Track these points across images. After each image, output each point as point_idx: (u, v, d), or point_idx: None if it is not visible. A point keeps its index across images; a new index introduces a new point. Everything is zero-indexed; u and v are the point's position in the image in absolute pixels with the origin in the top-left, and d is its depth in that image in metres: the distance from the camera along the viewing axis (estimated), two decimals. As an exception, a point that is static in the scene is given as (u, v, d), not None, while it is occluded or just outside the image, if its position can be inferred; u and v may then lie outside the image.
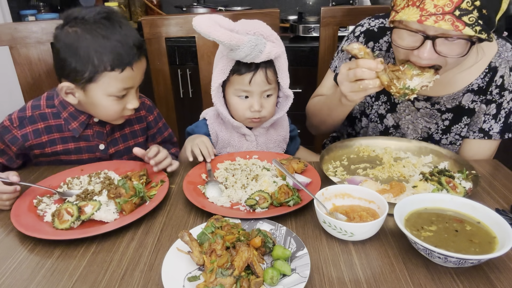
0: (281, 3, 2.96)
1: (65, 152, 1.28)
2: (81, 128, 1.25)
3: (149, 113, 1.41)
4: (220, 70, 1.23)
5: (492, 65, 1.22)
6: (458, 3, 0.96)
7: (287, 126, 1.43)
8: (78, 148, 1.28)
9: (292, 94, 1.29)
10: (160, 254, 0.88)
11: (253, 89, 1.23)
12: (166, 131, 1.48)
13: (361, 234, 0.88)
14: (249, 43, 1.12)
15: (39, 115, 1.24)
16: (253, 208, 1.00)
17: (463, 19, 0.97)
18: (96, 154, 1.30)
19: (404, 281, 0.79)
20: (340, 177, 1.15)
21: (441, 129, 1.32)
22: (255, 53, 1.14)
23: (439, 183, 1.05)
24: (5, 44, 1.61)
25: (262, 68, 1.21)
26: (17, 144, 1.22)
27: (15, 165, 1.28)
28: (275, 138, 1.39)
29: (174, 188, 1.15)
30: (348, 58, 1.41)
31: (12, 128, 1.22)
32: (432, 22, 0.98)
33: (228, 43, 1.10)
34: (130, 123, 1.36)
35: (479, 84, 1.23)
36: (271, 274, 0.75)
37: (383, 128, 1.41)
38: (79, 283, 0.81)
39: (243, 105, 1.26)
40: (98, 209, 0.98)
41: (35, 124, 1.23)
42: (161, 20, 1.71)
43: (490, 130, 1.26)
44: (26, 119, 1.23)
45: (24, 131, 1.22)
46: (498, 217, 0.85)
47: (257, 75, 1.20)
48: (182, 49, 2.44)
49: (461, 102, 1.26)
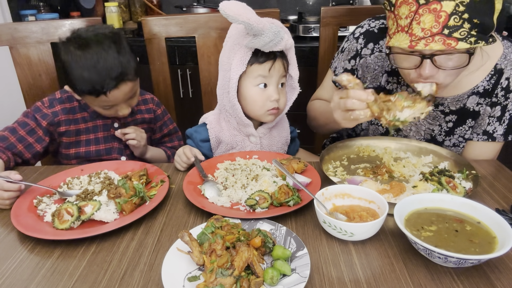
0: (281, 3, 2.96)
1: (86, 131, 1.41)
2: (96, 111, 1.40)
3: (157, 107, 1.57)
4: (239, 61, 1.21)
5: (498, 67, 1.20)
6: (444, 22, 0.96)
7: (287, 127, 1.43)
8: (95, 126, 1.42)
9: (299, 87, 1.32)
10: (160, 254, 0.88)
11: (272, 77, 1.23)
12: (171, 124, 1.63)
13: (361, 234, 0.88)
14: (272, 29, 1.13)
15: (67, 97, 1.40)
16: (253, 208, 1.00)
17: (454, 35, 0.97)
18: (110, 131, 1.44)
19: (404, 281, 0.79)
20: (340, 177, 1.15)
21: (445, 131, 1.31)
22: (278, 40, 1.14)
23: (439, 183, 1.05)
24: (5, 44, 1.61)
25: (279, 57, 1.23)
26: (47, 119, 1.35)
27: (40, 149, 1.36)
28: (277, 140, 1.39)
29: (174, 188, 1.15)
30: (347, 59, 1.41)
31: (43, 107, 1.37)
32: (423, 45, 0.99)
33: (257, 26, 1.11)
34: (140, 112, 1.51)
35: (484, 86, 1.22)
36: (271, 274, 0.75)
37: (384, 130, 1.40)
38: (79, 283, 0.81)
39: (263, 95, 1.25)
40: (98, 209, 0.98)
41: (63, 104, 1.39)
42: (161, 20, 1.71)
43: (494, 132, 1.25)
44: (55, 100, 1.38)
45: (54, 109, 1.37)
46: (498, 217, 0.85)
47: (276, 63, 1.22)
48: (182, 49, 2.45)
49: (465, 104, 1.25)
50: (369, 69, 1.37)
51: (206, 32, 1.73)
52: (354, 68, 1.40)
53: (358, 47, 1.37)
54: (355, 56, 1.39)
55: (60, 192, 1.10)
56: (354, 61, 1.39)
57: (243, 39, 1.19)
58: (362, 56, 1.37)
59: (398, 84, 1.32)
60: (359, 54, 1.38)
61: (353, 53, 1.39)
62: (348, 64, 1.41)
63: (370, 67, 1.36)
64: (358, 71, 1.40)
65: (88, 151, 1.41)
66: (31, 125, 1.33)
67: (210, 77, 1.80)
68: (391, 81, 1.33)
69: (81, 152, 1.41)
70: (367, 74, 1.38)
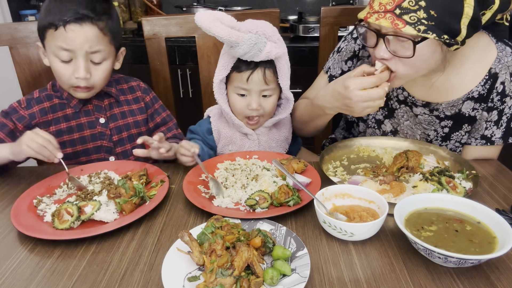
0: (281, 3, 2.96)
1: (68, 130, 1.32)
2: (80, 104, 1.32)
3: (145, 94, 1.45)
4: (221, 66, 1.25)
5: (492, 71, 1.18)
6: (399, 2, 0.99)
7: (290, 126, 1.43)
8: (80, 124, 1.33)
9: (293, 97, 1.29)
10: (160, 254, 0.88)
11: (250, 88, 1.23)
12: (164, 112, 1.49)
13: (361, 234, 0.88)
14: (249, 41, 1.13)
15: (45, 96, 1.31)
16: (253, 208, 1.00)
17: (404, 17, 0.99)
18: (97, 128, 1.35)
19: (404, 281, 0.79)
20: (340, 177, 1.15)
21: (441, 136, 1.30)
22: (254, 52, 1.15)
23: (439, 183, 1.05)
24: (5, 44, 1.61)
25: (261, 67, 1.21)
26: (24, 122, 1.27)
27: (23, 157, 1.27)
28: (277, 138, 1.39)
29: (174, 188, 1.15)
30: (344, 60, 1.38)
31: (20, 109, 1.28)
32: (374, 19, 1.02)
33: (227, 39, 1.12)
34: (128, 102, 1.41)
35: (479, 91, 1.20)
36: (271, 274, 0.75)
37: (381, 134, 1.40)
38: (79, 283, 0.81)
39: (242, 103, 1.27)
40: (98, 209, 0.98)
41: (41, 103, 1.30)
42: (161, 20, 1.71)
43: (492, 136, 1.24)
44: (33, 100, 1.30)
45: (31, 110, 1.28)
46: (498, 217, 0.85)
47: (254, 74, 1.21)
48: (182, 49, 2.44)
49: (461, 109, 1.24)
50: None
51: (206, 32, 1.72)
52: (351, 69, 1.37)
53: (355, 48, 1.36)
54: (352, 57, 1.36)
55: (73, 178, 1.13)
56: (351, 62, 1.37)
57: (227, 46, 1.21)
58: (360, 58, 1.36)
59: (394, 87, 1.31)
60: (357, 55, 1.36)
61: (350, 54, 1.37)
62: (345, 65, 1.38)
63: None
64: None
65: (76, 152, 1.33)
66: (10, 126, 1.25)
67: (210, 77, 1.78)
68: None
69: (70, 154, 1.32)
70: None
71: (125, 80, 1.44)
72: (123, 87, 1.42)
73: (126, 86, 1.43)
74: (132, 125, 1.41)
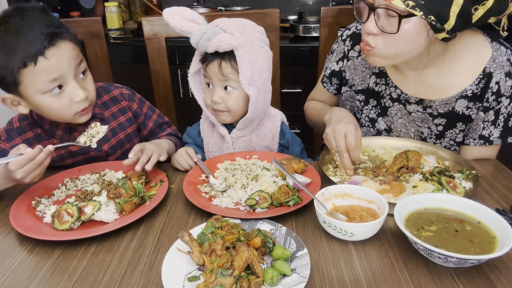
0: (281, 3, 2.96)
1: (59, 158, 1.24)
2: (66, 134, 1.22)
3: (131, 101, 1.36)
4: (193, 59, 1.27)
5: (487, 70, 1.18)
6: None
7: (275, 138, 1.34)
8: (71, 152, 1.25)
9: (253, 93, 1.19)
10: (160, 254, 0.88)
11: (210, 77, 1.23)
12: (154, 114, 1.40)
13: (361, 234, 0.88)
14: (200, 31, 1.15)
15: (27, 125, 1.21)
16: (253, 208, 1.00)
17: None
18: (91, 154, 1.27)
19: (404, 281, 0.79)
20: (340, 177, 1.15)
21: (435, 134, 1.30)
22: (203, 41, 1.15)
23: (439, 183, 1.05)
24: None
25: (218, 58, 1.19)
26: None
27: None
28: (255, 147, 1.33)
29: (174, 188, 1.15)
30: (335, 61, 1.42)
31: (0, 142, 1.19)
32: None
33: (179, 29, 1.16)
34: (114, 116, 1.31)
35: (473, 90, 1.20)
36: (271, 274, 0.75)
37: (375, 132, 1.40)
38: (79, 283, 0.81)
39: (207, 93, 1.27)
40: (98, 210, 0.98)
41: (24, 134, 1.20)
42: (161, 20, 1.71)
43: (490, 136, 1.24)
44: (13, 130, 1.20)
45: (13, 143, 1.19)
46: (498, 217, 0.85)
47: (211, 64, 1.21)
48: (182, 49, 2.44)
49: (454, 107, 1.24)
50: (357, 71, 1.38)
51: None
52: (342, 69, 1.42)
53: (345, 49, 1.39)
54: (343, 58, 1.41)
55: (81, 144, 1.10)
56: (342, 63, 1.41)
57: None
58: (349, 58, 1.39)
59: (387, 86, 1.32)
60: (346, 56, 1.40)
61: (341, 55, 1.41)
62: (336, 66, 1.43)
63: (358, 69, 1.38)
64: (345, 73, 1.41)
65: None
66: None
67: (210, 77, 1.79)
68: (379, 83, 1.33)
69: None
70: (355, 76, 1.39)
71: (105, 91, 1.32)
72: (104, 99, 1.31)
73: (107, 97, 1.32)
74: (124, 140, 1.33)
